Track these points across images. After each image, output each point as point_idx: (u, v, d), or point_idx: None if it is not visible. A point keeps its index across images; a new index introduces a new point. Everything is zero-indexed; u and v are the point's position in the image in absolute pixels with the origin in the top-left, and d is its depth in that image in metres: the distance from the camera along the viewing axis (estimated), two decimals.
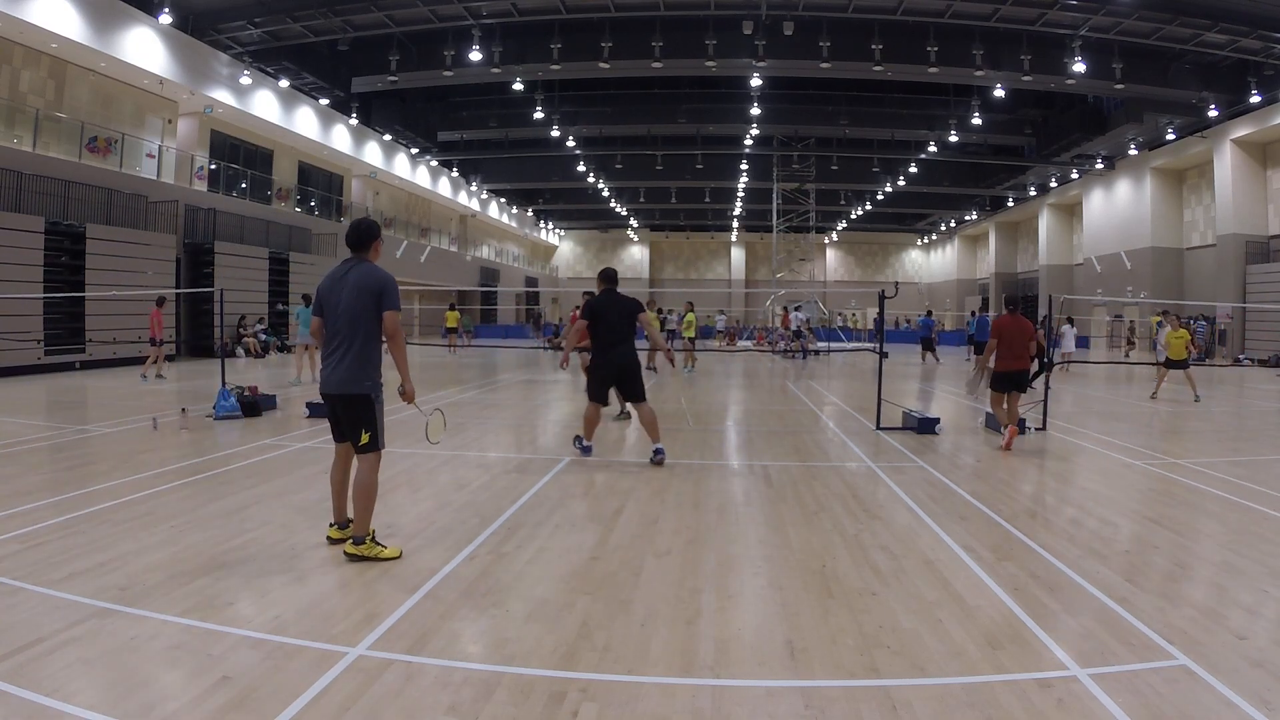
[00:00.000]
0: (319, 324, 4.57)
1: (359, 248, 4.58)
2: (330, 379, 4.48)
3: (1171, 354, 13.91)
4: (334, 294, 4.49)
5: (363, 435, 4.46)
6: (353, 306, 4.41)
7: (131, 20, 19.71)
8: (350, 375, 4.43)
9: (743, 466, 7.51)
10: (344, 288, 4.46)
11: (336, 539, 4.68)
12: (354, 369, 4.43)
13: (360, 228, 4.62)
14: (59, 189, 17.55)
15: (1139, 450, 8.60)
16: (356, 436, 4.49)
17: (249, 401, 10.16)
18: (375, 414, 4.50)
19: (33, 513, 5.26)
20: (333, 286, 4.51)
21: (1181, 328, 14.18)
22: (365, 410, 4.46)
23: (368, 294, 4.41)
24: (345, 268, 4.55)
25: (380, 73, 26.68)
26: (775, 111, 32.50)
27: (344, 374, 4.44)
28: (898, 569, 4.43)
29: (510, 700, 2.89)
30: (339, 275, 4.53)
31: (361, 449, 4.50)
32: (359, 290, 4.41)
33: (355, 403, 4.46)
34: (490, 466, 7.25)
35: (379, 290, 4.43)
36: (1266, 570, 4.45)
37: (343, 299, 4.44)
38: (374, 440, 4.50)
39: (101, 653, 3.20)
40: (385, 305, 4.43)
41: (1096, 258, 37.00)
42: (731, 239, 61.86)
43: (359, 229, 4.61)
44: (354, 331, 4.43)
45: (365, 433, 4.46)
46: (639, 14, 23.87)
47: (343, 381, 4.45)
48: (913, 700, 2.91)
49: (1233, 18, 21.53)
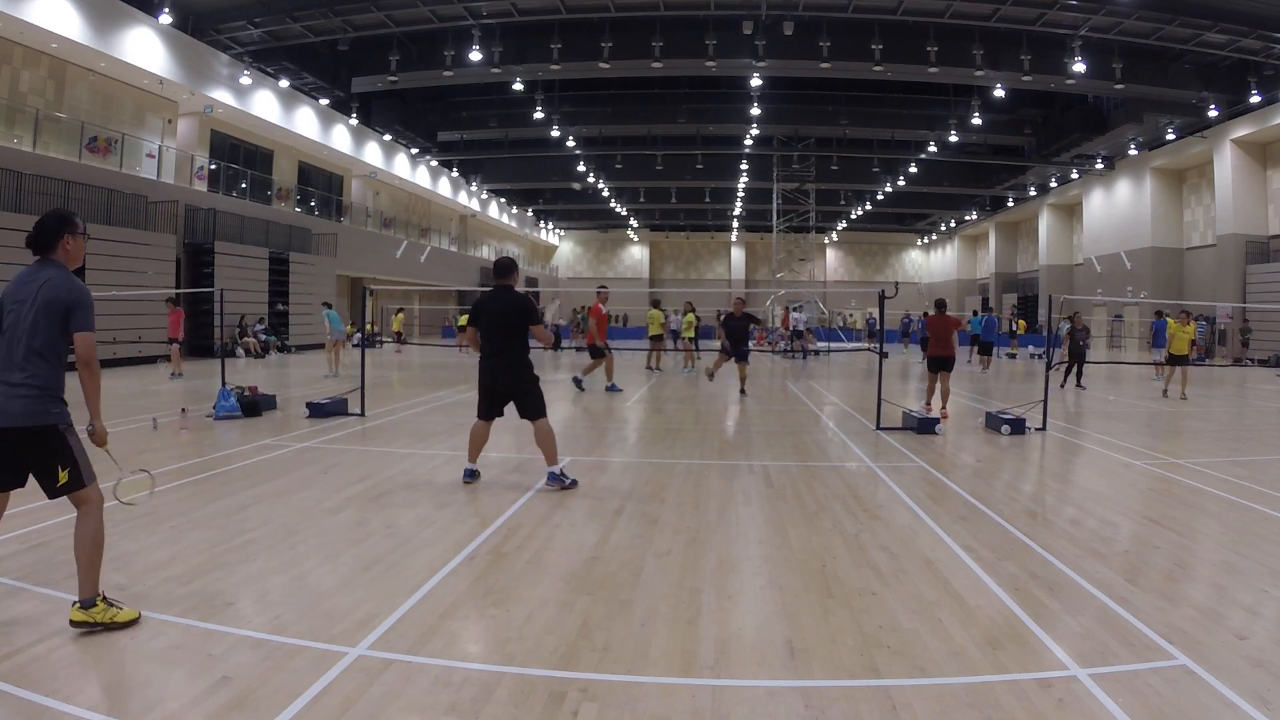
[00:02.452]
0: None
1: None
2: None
3: (1173, 348, 13.96)
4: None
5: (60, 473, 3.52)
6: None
7: (131, 20, 19.71)
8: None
9: (743, 466, 7.51)
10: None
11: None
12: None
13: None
14: (59, 189, 17.54)
15: (1139, 450, 8.60)
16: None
17: (249, 401, 10.16)
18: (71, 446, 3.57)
19: (33, 513, 5.26)
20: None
21: (1190, 325, 14.25)
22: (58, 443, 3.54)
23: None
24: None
25: (380, 73, 26.70)
26: (775, 111, 32.51)
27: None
28: (898, 569, 4.43)
29: (510, 700, 2.88)
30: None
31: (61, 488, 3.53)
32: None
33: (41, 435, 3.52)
34: (490, 466, 7.25)
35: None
36: (1266, 570, 4.45)
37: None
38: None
39: (101, 653, 3.20)
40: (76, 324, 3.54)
41: (1096, 258, 37.00)
42: (731, 239, 61.84)
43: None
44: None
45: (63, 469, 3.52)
46: (639, 14, 23.87)
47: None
48: (913, 700, 2.91)
49: (1233, 18, 21.53)
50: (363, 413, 10.26)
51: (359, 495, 6.01)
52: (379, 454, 7.85)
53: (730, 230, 59.84)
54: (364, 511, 5.54)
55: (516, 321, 6.29)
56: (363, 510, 5.58)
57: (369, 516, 5.41)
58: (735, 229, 59.07)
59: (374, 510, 5.59)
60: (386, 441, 8.63)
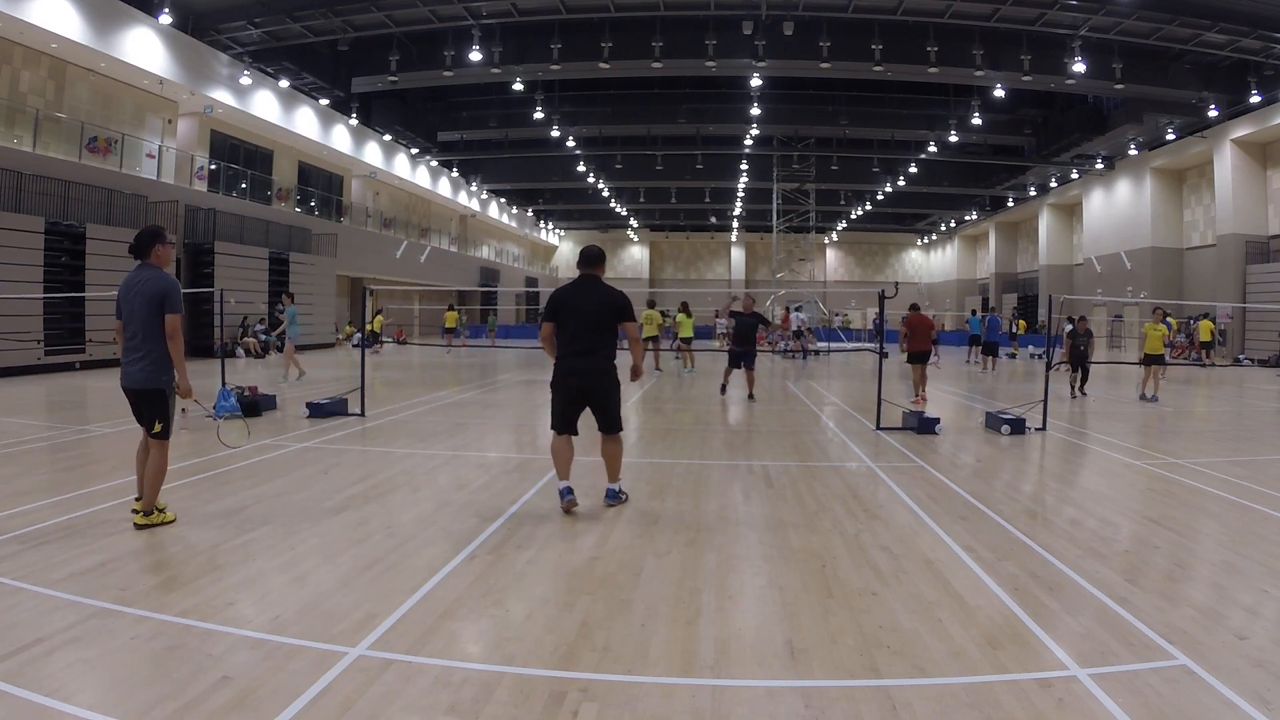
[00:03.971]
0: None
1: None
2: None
3: (1147, 348, 13.80)
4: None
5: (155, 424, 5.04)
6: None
7: (131, 20, 19.71)
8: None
9: (743, 466, 7.51)
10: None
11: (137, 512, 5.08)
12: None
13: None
14: (59, 189, 17.54)
15: (1139, 450, 8.60)
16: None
17: (249, 401, 10.15)
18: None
19: (33, 513, 5.26)
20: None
21: (1161, 324, 14.09)
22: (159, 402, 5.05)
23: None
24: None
25: (380, 73, 26.69)
26: (775, 112, 32.50)
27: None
28: (898, 569, 4.43)
29: (510, 700, 2.89)
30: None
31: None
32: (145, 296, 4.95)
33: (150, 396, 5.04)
34: (490, 467, 7.25)
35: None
36: (1266, 570, 4.45)
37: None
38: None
39: (102, 653, 3.20)
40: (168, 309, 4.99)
41: (1096, 258, 37.00)
42: (731, 239, 61.84)
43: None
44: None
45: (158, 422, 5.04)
46: (639, 14, 23.87)
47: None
48: (913, 700, 2.91)
49: (1233, 18, 21.53)
50: (363, 413, 10.26)
51: (359, 495, 6.01)
52: (379, 454, 7.85)
53: (730, 230, 59.84)
54: (364, 511, 5.55)
55: (610, 318, 5.61)
56: (363, 510, 5.58)
57: (369, 516, 5.42)
58: (735, 229, 59.08)
59: (374, 510, 5.59)
60: (386, 442, 8.63)
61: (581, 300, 5.59)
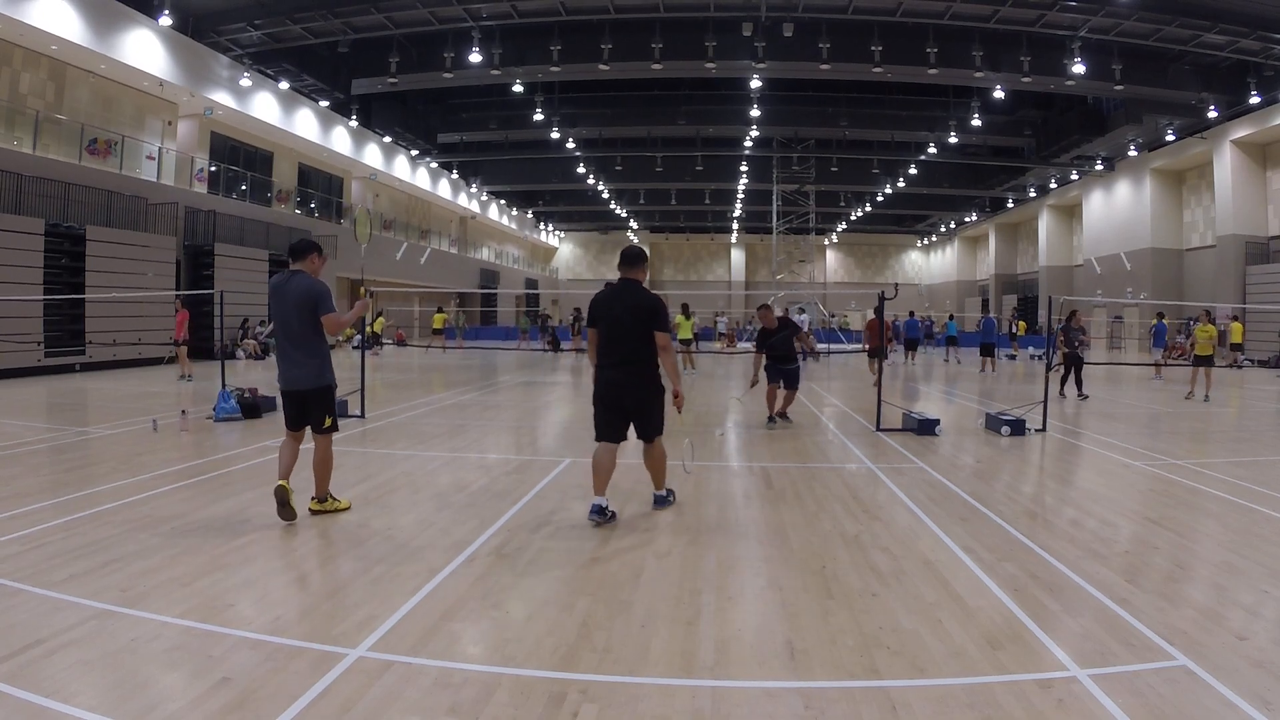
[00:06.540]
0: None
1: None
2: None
3: (1198, 349, 13.97)
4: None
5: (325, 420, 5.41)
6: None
7: (131, 22, 19.72)
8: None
9: (743, 467, 7.52)
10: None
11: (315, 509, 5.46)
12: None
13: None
14: (59, 191, 17.55)
15: (1139, 450, 8.60)
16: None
17: (249, 403, 10.16)
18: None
19: (34, 514, 5.26)
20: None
21: (1210, 324, 14.23)
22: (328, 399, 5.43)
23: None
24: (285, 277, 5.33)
25: (380, 74, 26.70)
26: (775, 113, 32.52)
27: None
28: (898, 570, 4.43)
29: (510, 701, 2.89)
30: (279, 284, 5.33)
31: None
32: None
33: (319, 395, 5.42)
34: (490, 468, 7.26)
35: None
36: (1266, 571, 4.45)
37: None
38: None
39: (102, 654, 3.20)
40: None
41: (1096, 259, 37.02)
42: (731, 240, 61.86)
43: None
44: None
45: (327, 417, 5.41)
46: (639, 15, 23.88)
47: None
48: (913, 701, 2.91)
49: (1232, 18, 21.55)
50: (363, 415, 10.26)
51: (359, 496, 6.01)
52: (379, 455, 7.85)
53: (730, 232, 59.86)
54: (364, 513, 5.55)
55: (646, 324, 5.33)
56: (363, 511, 5.58)
57: (369, 518, 5.42)
58: (735, 230, 59.09)
59: (374, 512, 5.60)
60: (387, 443, 8.64)
61: (616, 305, 5.37)
